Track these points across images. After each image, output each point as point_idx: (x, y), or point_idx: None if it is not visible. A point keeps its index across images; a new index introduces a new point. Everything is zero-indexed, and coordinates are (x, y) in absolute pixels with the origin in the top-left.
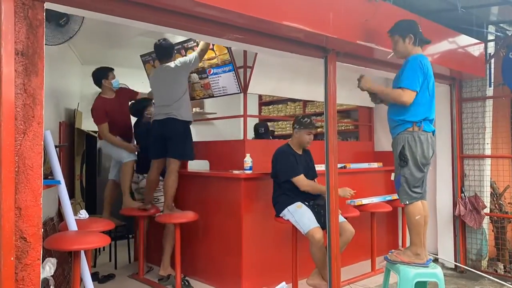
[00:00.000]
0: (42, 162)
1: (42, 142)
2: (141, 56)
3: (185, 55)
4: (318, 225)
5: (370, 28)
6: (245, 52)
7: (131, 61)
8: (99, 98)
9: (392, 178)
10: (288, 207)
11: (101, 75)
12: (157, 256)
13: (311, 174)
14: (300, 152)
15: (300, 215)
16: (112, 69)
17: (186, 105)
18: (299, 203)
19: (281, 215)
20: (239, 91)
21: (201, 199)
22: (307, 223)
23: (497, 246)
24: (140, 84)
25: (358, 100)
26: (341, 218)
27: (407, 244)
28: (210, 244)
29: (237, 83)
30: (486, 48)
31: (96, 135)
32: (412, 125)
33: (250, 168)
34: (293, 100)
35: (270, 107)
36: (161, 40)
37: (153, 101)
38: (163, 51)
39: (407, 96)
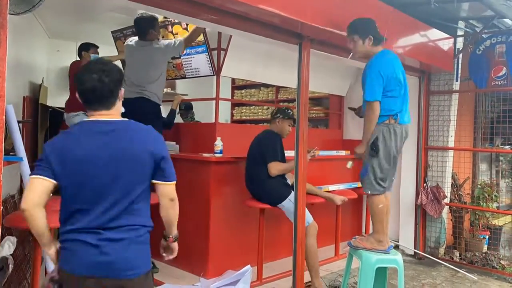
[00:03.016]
0: (3, 137)
1: (4, 117)
2: (112, 32)
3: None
4: None
5: (345, 17)
6: (219, 33)
7: (101, 36)
8: (75, 62)
9: (348, 166)
10: (290, 197)
11: (84, 47)
12: None
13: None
14: None
15: None
16: (97, 47)
17: (161, 88)
18: None
19: (280, 205)
20: (212, 74)
21: None
22: (309, 215)
23: (454, 235)
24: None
25: (329, 88)
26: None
27: (370, 230)
28: (177, 226)
29: (210, 65)
30: (455, 43)
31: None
32: (389, 117)
33: (221, 152)
34: (266, 86)
35: (243, 91)
36: (143, 14)
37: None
38: (143, 27)
39: (374, 108)
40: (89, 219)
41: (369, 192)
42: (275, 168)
